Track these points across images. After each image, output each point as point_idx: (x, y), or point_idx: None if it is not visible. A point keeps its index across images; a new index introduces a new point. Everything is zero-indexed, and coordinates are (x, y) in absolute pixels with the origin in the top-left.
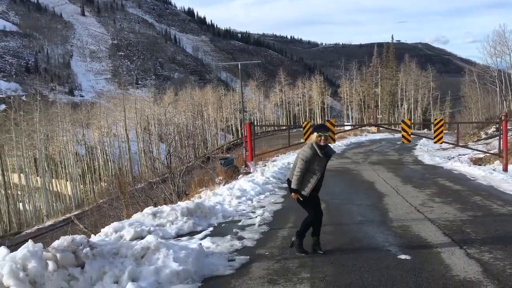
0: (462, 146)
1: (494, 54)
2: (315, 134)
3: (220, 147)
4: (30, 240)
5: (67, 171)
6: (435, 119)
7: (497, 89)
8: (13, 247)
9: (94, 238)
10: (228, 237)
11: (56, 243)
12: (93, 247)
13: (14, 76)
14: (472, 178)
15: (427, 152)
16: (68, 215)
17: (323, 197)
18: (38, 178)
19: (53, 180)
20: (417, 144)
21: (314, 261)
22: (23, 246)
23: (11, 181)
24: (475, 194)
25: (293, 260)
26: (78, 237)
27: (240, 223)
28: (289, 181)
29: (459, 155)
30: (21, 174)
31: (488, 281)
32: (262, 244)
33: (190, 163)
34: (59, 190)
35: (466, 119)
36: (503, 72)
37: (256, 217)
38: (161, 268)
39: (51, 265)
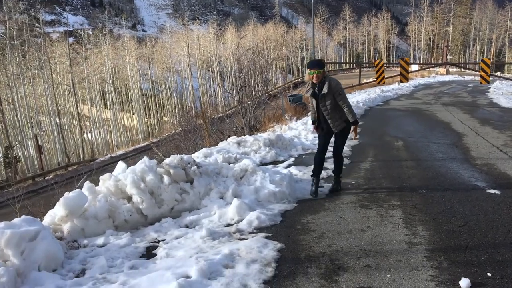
0: None
1: None
2: (307, 71)
3: (287, 83)
4: (145, 156)
5: (133, 105)
6: None
7: None
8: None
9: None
10: (312, 166)
11: (167, 160)
12: (199, 166)
13: (80, 9)
14: None
15: (502, 95)
16: (137, 146)
17: (397, 134)
18: (106, 110)
19: (120, 113)
20: (489, 87)
21: (402, 191)
22: (139, 162)
23: (81, 112)
24: None
25: (380, 190)
26: (185, 156)
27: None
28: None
29: None
30: (91, 107)
31: None
32: (347, 175)
33: (263, 98)
34: (126, 123)
35: None
36: None
37: None
38: (259, 188)
39: (166, 178)
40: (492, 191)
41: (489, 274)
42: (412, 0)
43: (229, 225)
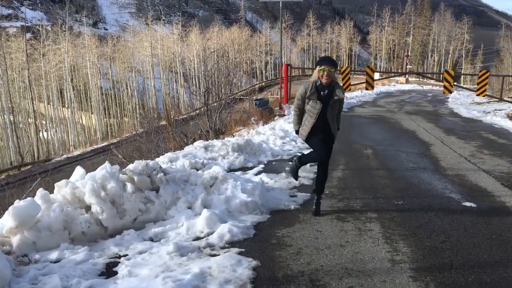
0: (507, 101)
1: None
2: (317, 68)
3: (253, 86)
4: (107, 162)
5: (92, 104)
6: (480, 71)
7: None
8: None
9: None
10: (283, 174)
11: (131, 166)
12: (166, 173)
13: (39, 4)
14: None
15: (461, 105)
16: (95, 146)
17: (366, 142)
18: (64, 109)
19: (78, 112)
20: (448, 97)
21: (377, 202)
22: (100, 167)
23: (37, 110)
24: None
25: (355, 200)
26: (151, 162)
27: (290, 162)
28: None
29: (495, 110)
30: (47, 105)
31: None
32: None
33: (229, 100)
34: (84, 123)
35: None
36: None
37: None
38: (231, 197)
39: (129, 186)
40: (467, 204)
41: None
42: (374, 10)
43: (198, 238)
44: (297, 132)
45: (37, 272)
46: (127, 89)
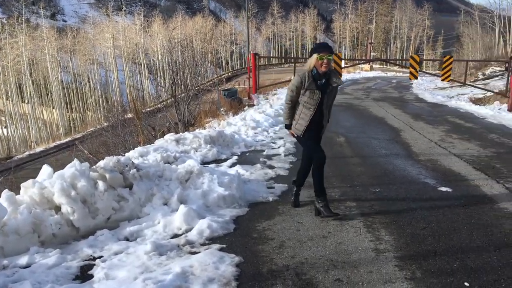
0: (470, 85)
1: None
2: (315, 56)
3: (220, 76)
4: (75, 159)
5: (53, 98)
6: (444, 57)
7: (497, 29)
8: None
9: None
10: (258, 165)
11: (102, 163)
12: (139, 169)
13: None
14: (481, 117)
15: (426, 90)
16: (58, 142)
17: (337, 129)
18: (24, 104)
19: (39, 106)
20: (412, 83)
21: (355, 190)
22: (69, 165)
23: None
24: (489, 132)
25: (333, 189)
26: (122, 158)
27: (264, 153)
28: None
29: (458, 94)
30: (6, 101)
31: None
32: (296, 174)
33: (197, 91)
34: (45, 118)
35: (464, 58)
36: (503, 12)
37: (279, 147)
38: (208, 192)
39: (101, 184)
40: (443, 188)
41: (466, 284)
42: None
43: (176, 235)
44: (287, 126)
45: (6, 279)
46: (89, 82)
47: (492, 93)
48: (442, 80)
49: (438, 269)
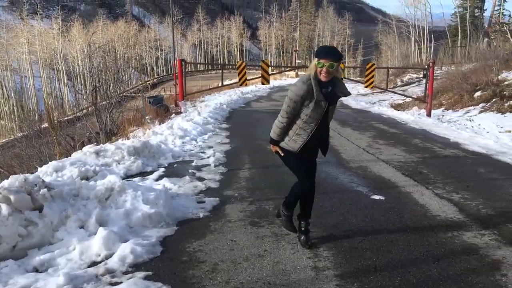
0: (391, 91)
1: (411, 4)
2: (315, 61)
3: (144, 83)
4: None
5: None
6: (367, 64)
7: (412, 38)
8: None
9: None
10: (187, 177)
11: (5, 183)
12: (51, 188)
13: None
14: (403, 122)
15: (349, 97)
16: None
17: (267, 137)
18: None
19: None
20: None
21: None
22: None
23: None
24: (413, 137)
25: (267, 202)
26: (30, 176)
27: (193, 164)
28: None
29: (380, 100)
30: None
31: (469, 220)
32: (227, 186)
33: (120, 98)
34: None
35: (383, 66)
36: (418, 22)
37: (209, 157)
38: (131, 210)
39: (4, 208)
40: (376, 197)
41: None
42: (262, 5)
43: (94, 263)
44: (276, 142)
45: None
46: (2, 89)
47: (411, 99)
48: (366, 86)
49: (379, 286)
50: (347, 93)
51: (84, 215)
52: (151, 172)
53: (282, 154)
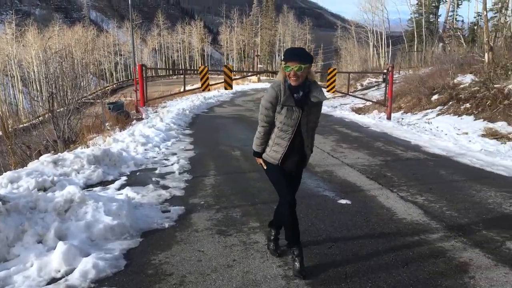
0: (352, 95)
1: (369, 10)
2: (282, 64)
3: (103, 89)
4: None
5: None
6: (329, 69)
7: (371, 43)
8: None
9: None
10: (150, 186)
11: None
12: (5, 201)
13: None
14: (364, 126)
15: None
16: None
17: (232, 143)
18: None
19: None
20: None
21: (257, 209)
22: None
23: None
24: (375, 140)
25: (234, 209)
26: None
27: (156, 171)
28: None
29: (341, 104)
30: None
31: (435, 223)
32: (193, 193)
33: (79, 104)
34: None
35: (343, 70)
36: (376, 28)
37: (173, 164)
38: (92, 223)
39: None
40: (343, 201)
41: None
42: (222, 10)
43: (54, 280)
44: (258, 154)
45: None
46: None
47: (371, 103)
48: (328, 91)
49: None
50: (323, 98)
51: (42, 229)
52: (112, 181)
53: (265, 167)
